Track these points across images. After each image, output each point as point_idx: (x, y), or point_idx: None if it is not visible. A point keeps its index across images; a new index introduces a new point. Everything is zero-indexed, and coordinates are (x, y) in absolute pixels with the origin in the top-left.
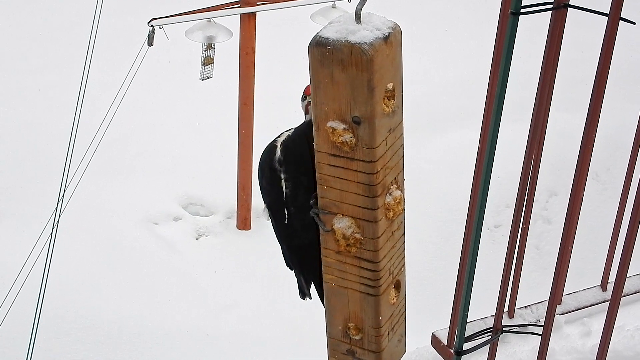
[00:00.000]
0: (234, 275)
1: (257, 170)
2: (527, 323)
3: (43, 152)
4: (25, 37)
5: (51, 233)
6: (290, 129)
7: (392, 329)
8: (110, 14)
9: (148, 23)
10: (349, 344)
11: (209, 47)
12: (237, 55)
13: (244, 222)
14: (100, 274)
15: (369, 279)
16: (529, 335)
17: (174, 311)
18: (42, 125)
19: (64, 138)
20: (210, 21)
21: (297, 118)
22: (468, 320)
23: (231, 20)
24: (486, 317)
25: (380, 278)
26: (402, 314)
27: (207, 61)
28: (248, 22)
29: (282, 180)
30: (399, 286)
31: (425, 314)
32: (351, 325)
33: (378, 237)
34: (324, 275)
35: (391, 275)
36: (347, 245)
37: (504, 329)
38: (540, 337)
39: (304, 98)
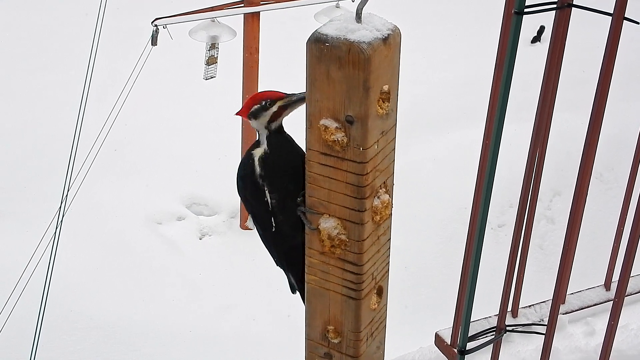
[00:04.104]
0: (236, 275)
1: (237, 181)
2: (530, 322)
3: (43, 152)
4: (25, 37)
5: (54, 233)
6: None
7: (372, 335)
8: (113, 13)
9: (152, 23)
10: (327, 347)
11: (213, 46)
12: (240, 54)
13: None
14: (103, 274)
15: (351, 281)
16: (533, 335)
17: (176, 311)
18: (42, 125)
19: (65, 138)
20: (214, 21)
21: (300, 116)
22: (472, 320)
23: (235, 20)
24: (490, 317)
25: (363, 282)
26: (383, 321)
27: (211, 61)
28: (252, 22)
29: (267, 192)
30: (381, 292)
31: (426, 313)
32: (330, 328)
33: (363, 240)
34: (306, 276)
35: (374, 280)
36: (332, 246)
37: (507, 328)
38: (543, 336)
39: (267, 105)
